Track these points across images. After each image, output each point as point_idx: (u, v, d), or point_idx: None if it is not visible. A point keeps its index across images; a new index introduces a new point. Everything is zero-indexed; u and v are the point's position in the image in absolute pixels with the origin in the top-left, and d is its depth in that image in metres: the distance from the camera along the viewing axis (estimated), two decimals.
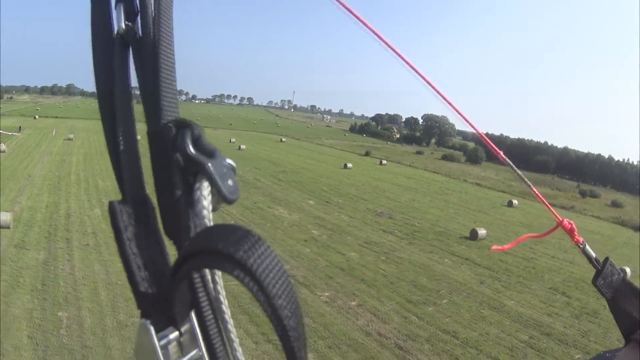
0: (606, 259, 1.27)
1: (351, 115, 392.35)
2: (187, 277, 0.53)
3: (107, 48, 0.65)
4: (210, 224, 0.53)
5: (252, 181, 42.49)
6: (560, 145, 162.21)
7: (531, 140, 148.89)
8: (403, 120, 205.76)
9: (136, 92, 0.66)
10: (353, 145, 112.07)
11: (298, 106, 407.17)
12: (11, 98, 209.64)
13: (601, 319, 18.72)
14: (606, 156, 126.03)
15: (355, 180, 50.84)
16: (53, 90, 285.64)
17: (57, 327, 13.73)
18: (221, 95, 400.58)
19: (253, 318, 14.89)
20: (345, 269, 21.44)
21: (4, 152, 44.56)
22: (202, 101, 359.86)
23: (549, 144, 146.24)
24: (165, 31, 0.63)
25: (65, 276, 17.42)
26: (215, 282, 0.54)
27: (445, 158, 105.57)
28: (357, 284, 19.75)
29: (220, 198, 0.54)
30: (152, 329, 0.54)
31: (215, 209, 0.54)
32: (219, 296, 0.54)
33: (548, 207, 1.37)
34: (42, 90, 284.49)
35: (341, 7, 0.86)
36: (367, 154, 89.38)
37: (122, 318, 14.59)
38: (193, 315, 0.57)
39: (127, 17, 0.64)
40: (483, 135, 1.40)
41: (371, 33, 0.95)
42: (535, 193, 1.46)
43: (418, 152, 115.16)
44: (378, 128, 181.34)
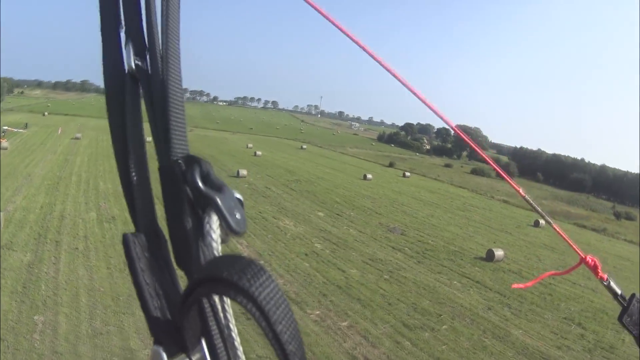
0: (632, 296, 1.30)
1: (381, 123, 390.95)
2: (197, 305, 0.59)
3: (119, 83, 0.73)
4: (218, 255, 0.59)
5: (262, 190, 43.11)
6: (598, 162, 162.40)
7: (567, 156, 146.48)
8: (435, 130, 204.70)
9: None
10: (378, 155, 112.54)
11: (325, 112, 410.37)
12: (22, 93, 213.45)
13: (617, 355, 18.32)
14: None
15: (372, 192, 51.03)
16: (67, 86, 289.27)
17: (31, 331, 14.44)
18: (244, 97, 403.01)
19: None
20: (342, 287, 21.63)
21: (6, 150, 46.29)
22: (224, 103, 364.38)
23: (586, 161, 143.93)
24: (173, 69, 0.70)
25: (48, 279, 18.23)
26: (224, 310, 0.59)
27: (474, 172, 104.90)
28: (352, 304, 19.91)
29: (228, 230, 0.61)
30: (165, 356, 0.59)
31: (224, 241, 0.61)
32: (229, 324, 0.60)
33: (569, 243, 1.45)
34: (55, 85, 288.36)
35: (312, 6, 0.92)
36: (391, 165, 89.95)
37: (98, 325, 15.23)
38: (204, 342, 0.62)
39: (137, 53, 0.73)
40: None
41: (339, 31, 1.00)
42: (545, 219, 1.54)
43: (447, 165, 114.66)
44: (407, 138, 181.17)
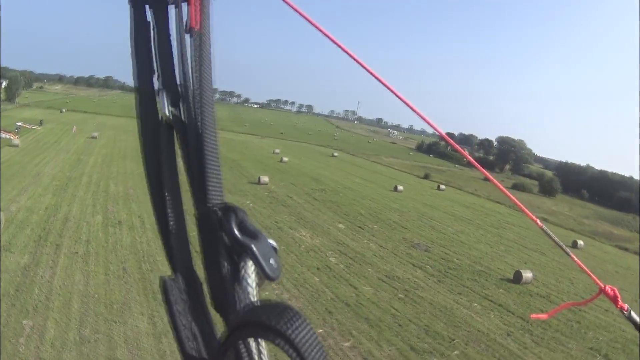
0: None
1: (422, 132, 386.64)
2: (234, 347, 0.64)
3: (154, 132, 0.79)
4: (254, 300, 0.67)
5: (282, 198, 43.29)
6: None
7: (615, 173, 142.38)
8: (478, 141, 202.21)
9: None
10: (414, 166, 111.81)
11: (363, 118, 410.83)
12: (41, 87, 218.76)
13: None
14: None
15: (401, 205, 50.70)
16: (89, 81, 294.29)
17: (18, 335, 15.05)
18: (277, 100, 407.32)
19: None
20: (350, 305, 21.61)
21: (17, 147, 48.01)
22: (256, 105, 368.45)
23: (634, 179, 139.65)
24: (208, 117, 0.75)
25: (42, 283, 18.93)
26: (260, 352, 0.64)
27: (515, 187, 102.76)
28: (358, 323, 19.86)
29: (263, 276, 0.68)
30: None
31: (259, 286, 0.69)
32: None
33: (588, 273, 1.52)
34: (77, 81, 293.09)
35: (295, 10, 1.00)
36: (426, 177, 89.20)
37: (87, 333, 15.73)
38: None
39: (172, 102, 0.79)
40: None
41: (327, 39, 1.09)
42: (563, 249, 1.64)
43: (486, 179, 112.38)
44: (447, 149, 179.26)
